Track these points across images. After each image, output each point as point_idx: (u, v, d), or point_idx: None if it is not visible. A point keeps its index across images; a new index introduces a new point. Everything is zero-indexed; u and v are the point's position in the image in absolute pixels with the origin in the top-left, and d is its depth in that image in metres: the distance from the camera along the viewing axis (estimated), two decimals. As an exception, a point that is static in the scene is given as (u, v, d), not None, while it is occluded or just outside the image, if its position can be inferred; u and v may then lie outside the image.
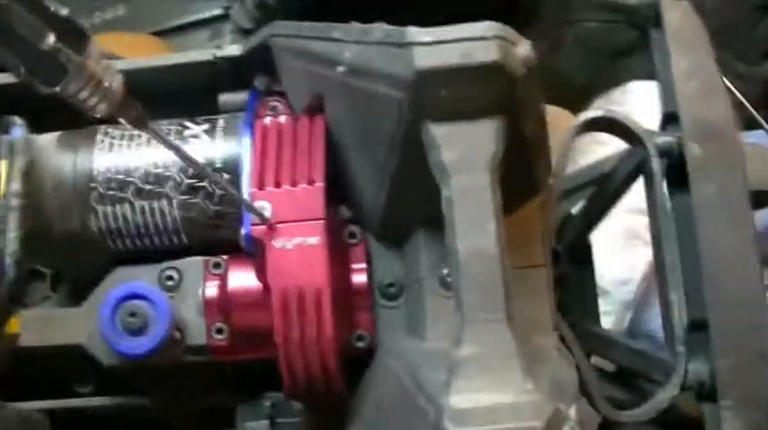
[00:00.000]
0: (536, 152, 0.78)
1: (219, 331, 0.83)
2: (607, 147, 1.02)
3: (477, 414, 0.63)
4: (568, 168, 0.89)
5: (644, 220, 1.11)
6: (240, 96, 0.89)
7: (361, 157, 0.80)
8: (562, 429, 0.64)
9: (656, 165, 0.83)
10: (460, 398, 0.63)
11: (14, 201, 0.74)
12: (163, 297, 0.81)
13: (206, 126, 0.85)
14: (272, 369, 0.81)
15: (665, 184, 0.84)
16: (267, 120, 0.84)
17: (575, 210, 0.96)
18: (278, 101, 0.86)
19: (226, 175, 0.82)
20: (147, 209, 0.83)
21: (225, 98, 0.89)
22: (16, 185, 0.75)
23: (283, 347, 0.76)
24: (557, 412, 0.64)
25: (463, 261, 0.67)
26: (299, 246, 0.76)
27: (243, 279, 0.83)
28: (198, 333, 0.83)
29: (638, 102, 1.24)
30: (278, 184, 0.78)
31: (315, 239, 0.76)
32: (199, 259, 0.85)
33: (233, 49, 0.90)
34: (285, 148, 0.81)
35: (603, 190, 0.92)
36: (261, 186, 0.78)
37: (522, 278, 0.79)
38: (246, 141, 0.82)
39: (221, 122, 0.85)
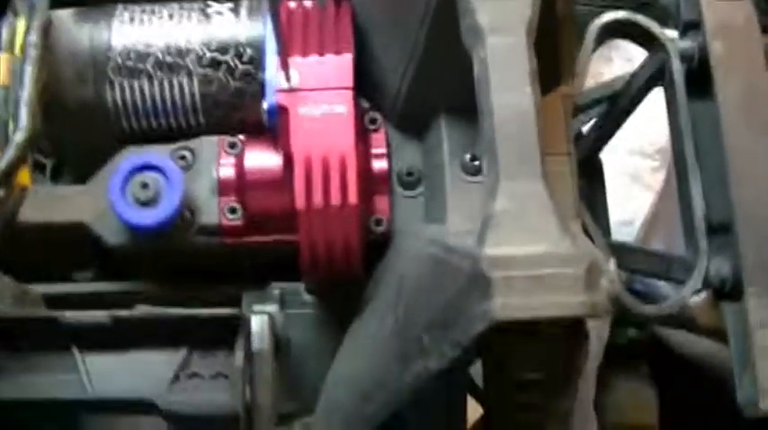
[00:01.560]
0: (562, 35, 0.77)
1: (233, 211, 0.80)
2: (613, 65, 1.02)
3: (516, 261, 0.61)
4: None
5: (646, 164, 1.12)
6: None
7: (388, 37, 0.79)
8: (600, 279, 0.62)
9: (678, 67, 0.83)
10: (498, 249, 0.61)
11: (33, 52, 0.72)
12: (177, 169, 0.79)
13: (230, 4, 0.83)
14: (283, 259, 0.80)
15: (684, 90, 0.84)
16: (292, 3, 0.83)
17: (585, 129, 0.95)
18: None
19: (249, 50, 0.80)
20: (165, 83, 0.81)
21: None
22: (35, 37, 0.73)
23: (305, 216, 0.74)
24: (595, 262, 0.62)
25: (499, 119, 0.65)
26: (326, 114, 0.75)
27: (260, 158, 0.81)
28: (211, 212, 0.81)
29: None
30: (305, 53, 0.77)
31: (342, 108, 0.75)
32: (214, 138, 0.82)
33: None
34: (312, 24, 0.79)
35: (617, 104, 0.91)
36: (287, 55, 0.76)
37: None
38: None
39: (246, 2, 0.83)
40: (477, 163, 0.78)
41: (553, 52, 0.76)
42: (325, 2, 0.82)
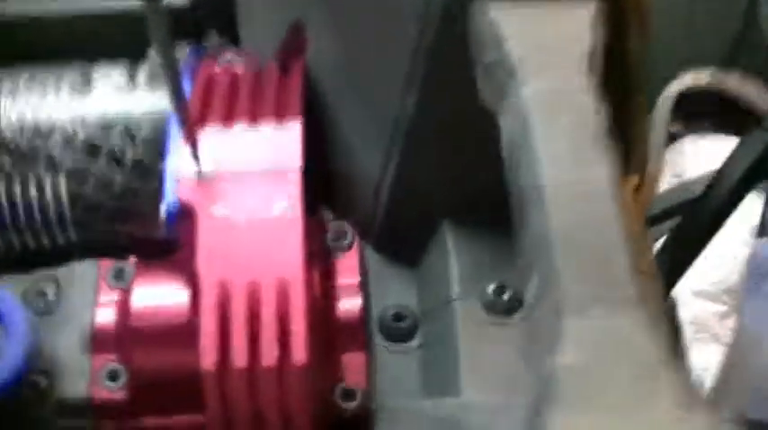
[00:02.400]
0: (634, 88, 0.49)
1: (113, 376, 0.50)
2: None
3: None
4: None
5: (714, 308, 0.85)
6: (181, 52, 0.59)
7: (362, 104, 0.51)
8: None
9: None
10: None
11: None
12: (21, 311, 0.49)
13: (123, 68, 0.55)
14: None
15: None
16: (217, 68, 0.54)
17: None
18: (234, 53, 0.57)
19: (146, 130, 0.52)
20: (16, 179, 0.52)
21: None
22: None
23: (216, 386, 0.44)
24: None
25: (554, 208, 0.38)
26: (256, 215, 0.45)
27: (158, 295, 0.51)
28: (78, 378, 0.50)
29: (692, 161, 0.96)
30: (227, 123, 0.48)
31: (283, 203, 0.45)
32: (90, 264, 0.53)
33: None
34: (242, 88, 0.51)
35: (699, 215, 0.62)
36: (201, 126, 0.48)
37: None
38: (185, 88, 0.52)
39: (146, 69, 0.55)
40: (506, 296, 0.48)
41: (620, 120, 0.47)
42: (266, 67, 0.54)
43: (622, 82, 0.48)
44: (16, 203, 0.52)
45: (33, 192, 0.52)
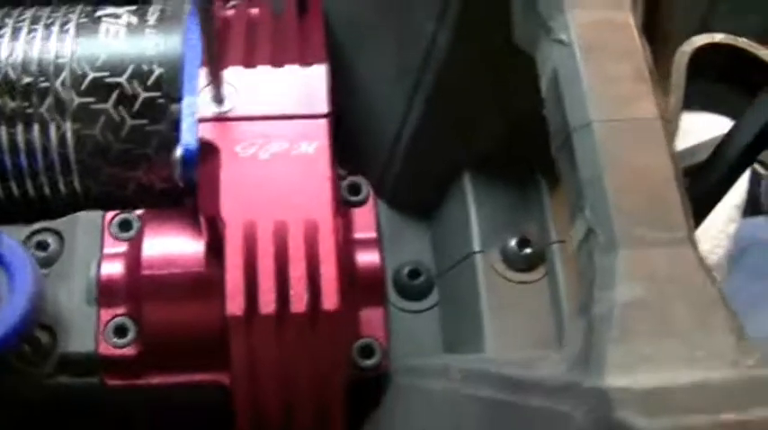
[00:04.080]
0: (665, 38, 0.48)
1: (121, 331, 0.48)
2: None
3: (674, 396, 0.31)
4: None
5: None
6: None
7: (386, 48, 0.49)
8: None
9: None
10: (639, 376, 0.31)
11: None
12: (28, 261, 0.46)
13: (132, 8, 0.53)
14: (204, 415, 0.48)
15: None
16: (230, 11, 0.52)
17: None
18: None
19: (159, 70, 0.50)
20: (18, 120, 0.49)
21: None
22: None
23: (243, 337, 0.42)
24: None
25: (604, 144, 0.36)
26: (282, 155, 0.44)
27: (168, 245, 0.49)
28: (84, 333, 0.48)
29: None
30: (249, 63, 0.46)
31: (310, 146, 0.44)
32: (94, 214, 0.51)
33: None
34: (261, 30, 0.49)
35: (702, 181, 0.61)
36: (222, 64, 0.45)
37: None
38: (195, 27, 0.50)
39: (156, 7, 0.53)
40: (529, 249, 0.47)
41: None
42: (283, 8, 0.52)
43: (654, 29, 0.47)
44: (18, 146, 0.50)
45: (36, 133, 0.49)
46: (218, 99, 0.44)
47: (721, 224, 0.86)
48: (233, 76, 0.46)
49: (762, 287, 0.98)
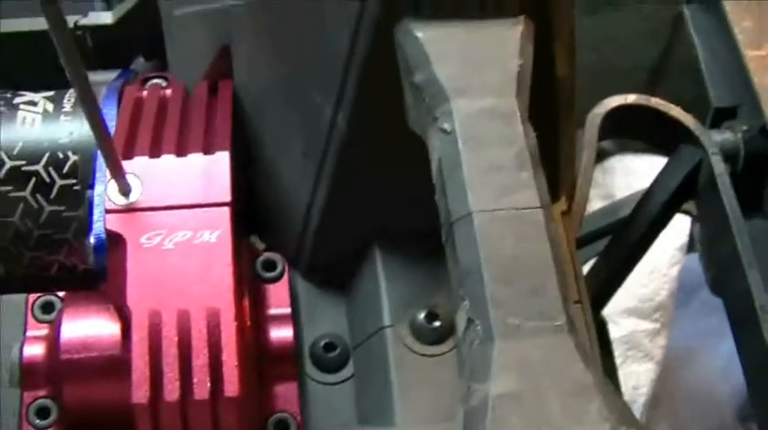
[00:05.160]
0: (562, 116, 0.49)
1: (43, 412, 0.49)
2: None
3: None
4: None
5: (645, 326, 0.85)
6: (108, 76, 0.58)
7: (292, 124, 0.51)
8: None
9: (720, 166, 0.56)
10: None
11: None
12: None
13: (50, 93, 0.54)
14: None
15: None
16: (144, 92, 0.54)
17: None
18: (162, 77, 0.57)
19: (74, 157, 0.51)
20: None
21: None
22: None
23: (147, 420, 0.43)
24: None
25: (484, 235, 0.38)
26: (185, 244, 0.45)
27: (88, 327, 0.50)
28: (6, 413, 0.50)
29: (620, 180, 0.96)
30: (156, 152, 0.47)
31: (212, 235, 0.45)
32: (18, 297, 0.52)
33: (102, 17, 0.61)
34: (170, 113, 0.51)
35: (628, 235, 0.63)
36: (128, 154, 0.47)
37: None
38: (111, 111, 0.52)
39: (72, 92, 0.55)
40: (437, 323, 0.48)
41: (549, 144, 0.48)
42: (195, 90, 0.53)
43: (550, 106, 0.49)
44: (-61, 233, 0.51)
45: (-43, 221, 0.51)
46: (124, 191, 0.46)
47: (664, 267, 0.88)
48: (139, 166, 0.47)
49: (715, 321, 0.99)
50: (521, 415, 0.35)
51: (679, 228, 0.86)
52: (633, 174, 0.91)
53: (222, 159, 0.48)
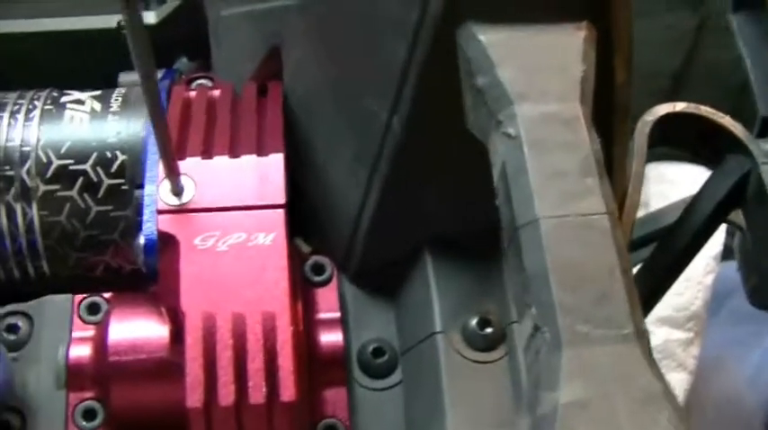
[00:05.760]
0: (620, 123, 0.49)
1: (90, 414, 0.49)
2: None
3: None
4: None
5: (679, 336, 0.85)
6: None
7: (344, 128, 0.50)
8: None
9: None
10: None
11: None
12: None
13: (96, 92, 0.54)
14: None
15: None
16: (192, 93, 0.53)
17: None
18: (207, 77, 0.56)
19: (122, 157, 0.51)
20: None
21: (127, 78, 0.59)
22: None
23: (201, 424, 0.43)
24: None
25: (550, 241, 0.37)
26: (239, 247, 0.44)
27: (135, 329, 0.49)
28: (52, 416, 0.49)
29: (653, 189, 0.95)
30: (207, 153, 0.47)
31: (267, 237, 0.45)
32: (64, 297, 0.51)
33: (145, 18, 0.60)
34: (221, 114, 0.50)
35: (674, 243, 0.62)
36: (179, 155, 0.46)
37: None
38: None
39: (120, 92, 0.54)
40: (490, 329, 0.47)
41: (604, 151, 0.47)
42: (243, 90, 0.53)
43: (607, 113, 0.48)
44: (-15, 233, 0.51)
45: (4, 219, 0.50)
46: (176, 191, 0.45)
47: (699, 276, 0.87)
48: (191, 167, 0.46)
49: (744, 330, 0.98)
50: (589, 423, 0.35)
51: (714, 236, 0.86)
52: (667, 182, 0.90)
53: (276, 161, 0.47)
